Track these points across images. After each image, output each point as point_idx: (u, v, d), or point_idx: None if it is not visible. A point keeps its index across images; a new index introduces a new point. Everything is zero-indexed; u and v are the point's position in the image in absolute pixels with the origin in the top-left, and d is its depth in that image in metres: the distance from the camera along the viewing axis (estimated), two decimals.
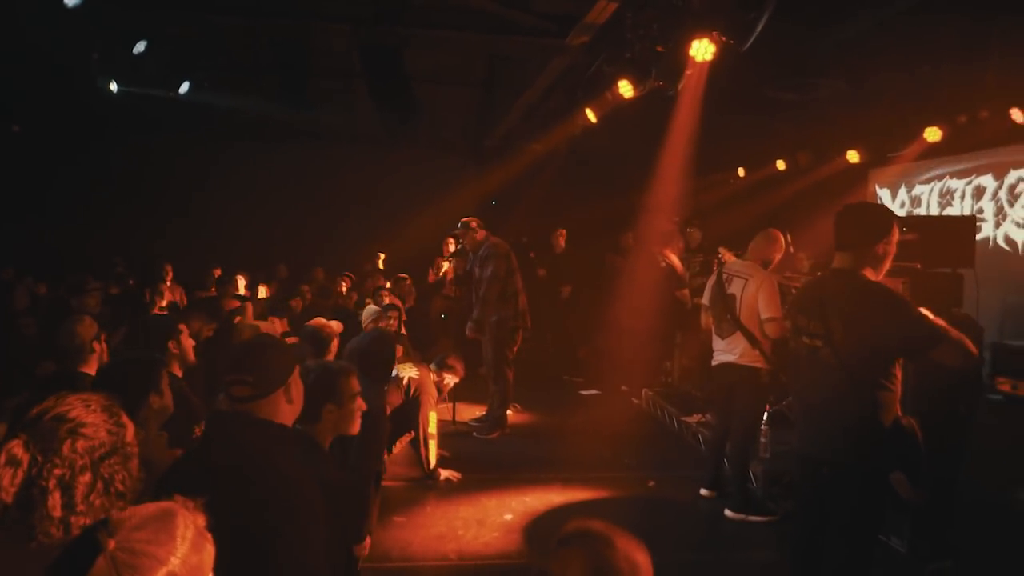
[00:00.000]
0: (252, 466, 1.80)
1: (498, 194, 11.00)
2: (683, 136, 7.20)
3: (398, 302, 7.44)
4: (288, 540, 1.77)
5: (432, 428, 4.94)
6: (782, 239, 4.85)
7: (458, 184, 10.76)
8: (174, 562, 1.04)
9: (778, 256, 4.87)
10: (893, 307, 2.70)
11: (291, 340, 4.51)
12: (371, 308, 5.38)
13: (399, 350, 4.97)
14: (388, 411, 3.99)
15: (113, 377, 2.50)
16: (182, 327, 3.71)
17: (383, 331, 4.64)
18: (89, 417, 1.38)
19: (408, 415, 4.82)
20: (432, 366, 5.18)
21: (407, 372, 4.90)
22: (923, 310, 2.70)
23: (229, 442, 1.86)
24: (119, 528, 1.04)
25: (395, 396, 4.65)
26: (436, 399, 5.02)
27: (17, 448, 1.31)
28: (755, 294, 4.59)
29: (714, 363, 4.94)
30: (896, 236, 2.84)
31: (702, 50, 4.32)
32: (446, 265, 8.68)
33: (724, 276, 4.83)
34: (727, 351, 4.78)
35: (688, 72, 4.75)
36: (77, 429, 1.36)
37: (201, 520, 1.13)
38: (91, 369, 3.05)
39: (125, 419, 1.48)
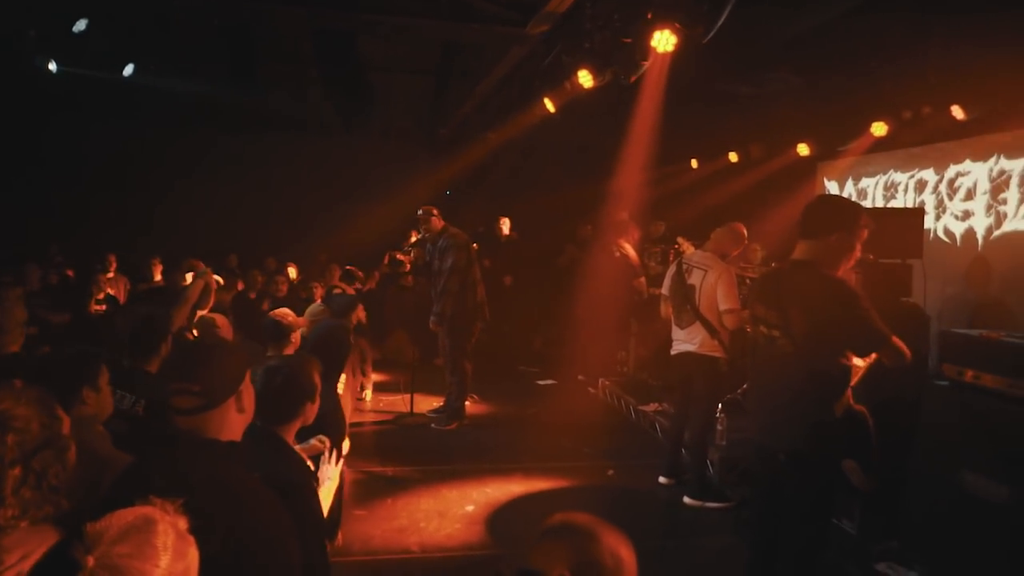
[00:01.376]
0: (205, 499, 1.61)
1: (453, 184, 10.92)
2: (642, 127, 7.26)
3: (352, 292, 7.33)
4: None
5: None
6: (744, 234, 4.93)
7: (412, 173, 10.64)
8: (158, 574, 1.00)
9: (737, 251, 4.98)
10: (847, 303, 2.74)
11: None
12: (316, 306, 5.25)
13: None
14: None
15: (46, 369, 2.38)
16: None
17: (339, 324, 4.50)
18: (20, 410, 1.34)
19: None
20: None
21: None
22: (869, 310, 2.76)
23: (172, 469, 1.66)
24: (97, 543, 0.99)
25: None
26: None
27: None
28: (714, 285, 4.67)
29: (673, 352, 5.00)
30: (861, 232, 2.84)
31: (663, 41, 4.34)
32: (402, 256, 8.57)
33: (684, 267, 4.90)
34: (687, 341, 4.85)
35: (648, 63, 4.76)
36: (7, 423, 1.31)
37: (182, 523, 1.09)
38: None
39: (60, 412, 1.43)
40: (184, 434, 1.73)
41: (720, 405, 5.58)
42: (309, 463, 2.54)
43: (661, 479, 5.08)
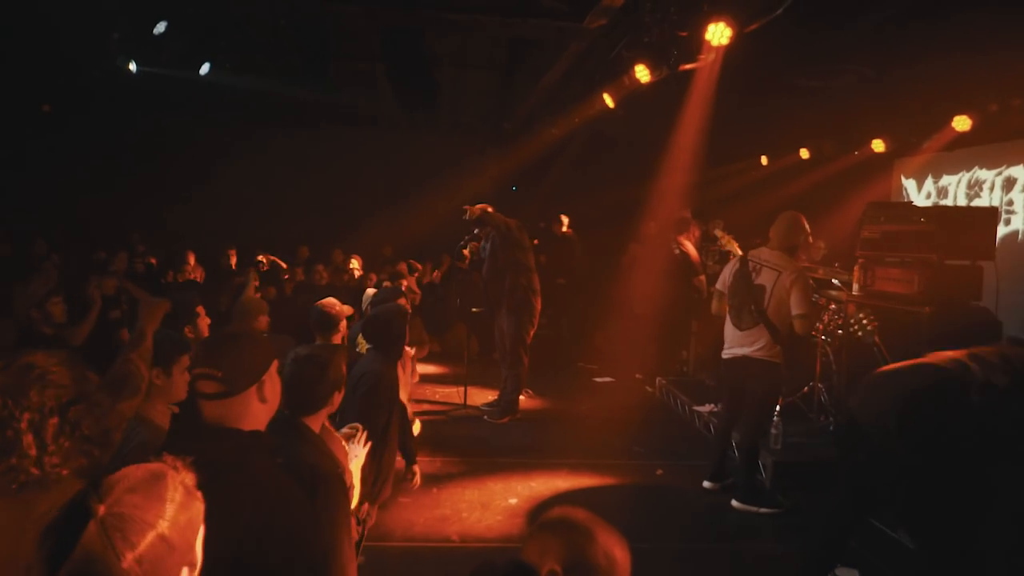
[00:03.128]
0: (227, 486, 1.65)
1: (517, 178, 10.97)
2: (706, 123, 7.09)
3: (415, 287, 7.49)
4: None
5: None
6: (805, 223, 4.63)
7: (478, 168, 10.75)
8: (162, 525, 1.07)
9: (803, 241, 4.67)
10: None
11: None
12: (371, 291, 5.37)
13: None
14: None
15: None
16: (200, 309, 3.74)
17: (401, 307, 4.55)
18: (53, 367, 1.47)
19: None
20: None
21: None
22: None
23: (197, 455, 1.77)
24: (110, 492, 1.07)
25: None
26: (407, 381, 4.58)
27: None
28: (788, 288, 4.38)
29: (726, 355, 4.74)
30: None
31: (718, 34, 4.24)
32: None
33: (751, 265, 4.58)
34: (744, 343, 4.57)
35: (704, 56, 4.65)
36: (44, 376, 1.44)
37: (190, 478, 1.16)
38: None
39: (90, 374, 1.56)
40: (209, 420, 1.79)
41: (777, 409, 5.43)
42: (346, 445, 2.62)
43: (706, 484, 4.97)
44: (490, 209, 6.59)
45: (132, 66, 6.30)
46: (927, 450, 2.59)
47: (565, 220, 9.17)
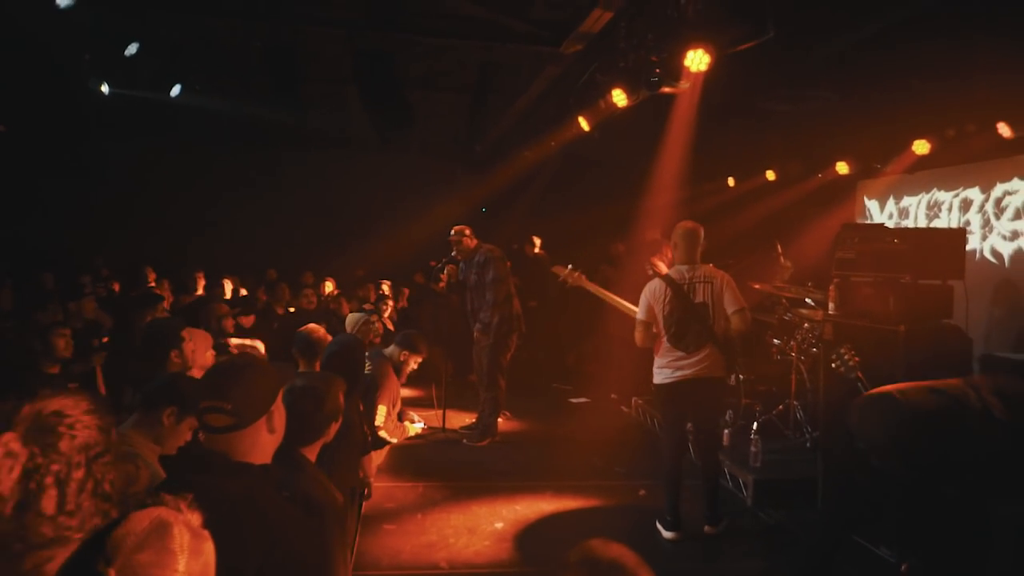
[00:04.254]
0: (239, 524, 1.63)
1: (489, 201, 11.01)
2: (676, 145, 7.23)
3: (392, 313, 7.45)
4: None
5: (380, 420, 4.41)
6: (700, 230, 4.56)
7: (449, 190, 10.77)
8: None
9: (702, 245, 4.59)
10: None
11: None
12: (354, 315, 5.31)
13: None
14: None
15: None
16: (185, 334, 3.62)
17: (351, 337, 4.46)
18: (83, 416, 1.37)
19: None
20: (394, 346, 4.74)
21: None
22: None
23: (205, 492, 1.67)
24: (117, 552, 1.01)
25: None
26: (395, 389, 4.54)
27: (14, 443, 1.28)
28: (721, 293, 4.36)
29: (668, 380, 4.44)
30: None
31: (697, 60, 4.34)
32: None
33: (684, 287, 4.42)
34: (695, 365, 4.35)
35: (682, 82, 4.76)
36: (75, 425, 1.34)
37: (195, 519, 1.12)
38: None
39: (108, 421, 1.47)
40: (217, 455, 1.74)
41: (755, 426, 5.51)
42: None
43: (669, 535, 4.56)
44: (467, 231, 6.61)
45: (104, 88, 6.19)
46: (929, 475, 2.62)
47: (537, 241, 9.22)
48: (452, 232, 6.63)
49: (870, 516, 3.14)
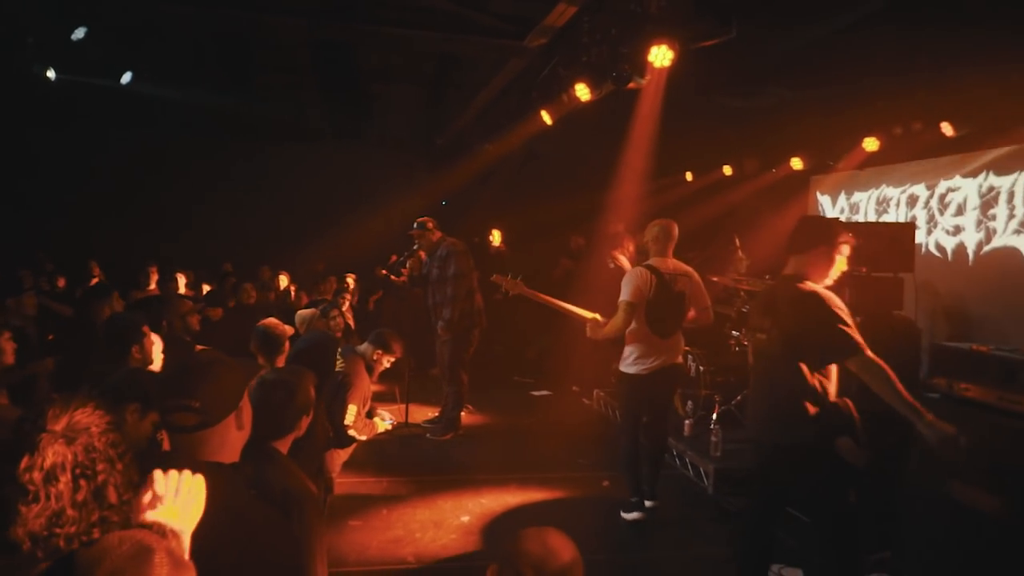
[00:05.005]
0: (212, 526, 1.56)
1: (449, 194, 10.96)
2: (638, 140, 7.31)
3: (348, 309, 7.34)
4: None
5: (350, 418, 4.41)
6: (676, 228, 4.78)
7: (409, 183, 10.68)
8: None
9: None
10: (819, 315, 3.01)
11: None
12: (304, 312, 5.24)
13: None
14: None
15: None
16: (145, 329, 3.51)
17: (325, 334, 4.42)
18: (95, 415, 1.32)
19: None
20: (367, 344, 4.72)
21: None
22: (843, 321, 2.98)
23: None
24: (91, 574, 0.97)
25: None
26: (366, 387, 4.53)
27: (58, 445, 1.21)
28: (695, 289, 4.62)
29: (645, 369, 4.54)
30: (841, 245, 3.14)
31: (660, 56, 4.39)
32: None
33: (667, 277, 4.59)
34: (666, 351, 4.55)
35: (646, 78, 4.81)
36: (108, 429, 1.30)
37: (177, 546, 1.08)
38: None
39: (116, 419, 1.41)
40: (184, 456, 1.68)
41: (715, 416, 5.63)
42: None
43: (629, 517, 4.70)
44: (431, 223, 6.57)
45: (50, 73, 5.93)
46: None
47: (498, 235, 9.22)
48: (415, 224, 6.58)
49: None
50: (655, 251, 4.65)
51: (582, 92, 5.42)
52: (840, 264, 3.17)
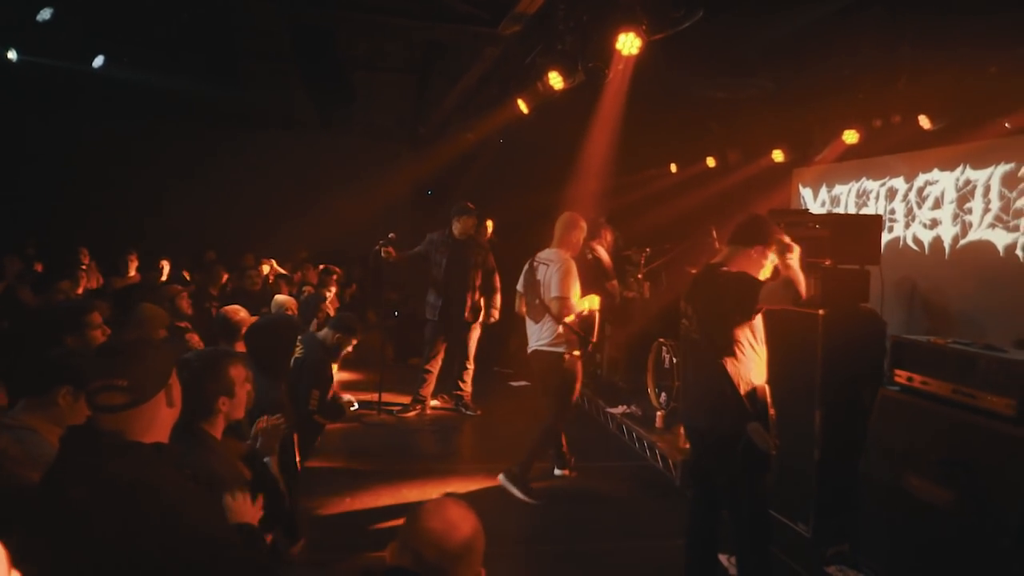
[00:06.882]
0: (128, 509, 1.61)
1: (434, 183, 10.91)
2: (608, 130, 7.28)
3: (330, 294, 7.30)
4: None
5: (313, 403, 4.39)
6: (580, 220, 4.99)
7: (393, 171, 10.63)
8: None
9: (581, 237, 5.01)
10: (735, 284, 3.12)
11: None
12: (280, 298, 5.21)
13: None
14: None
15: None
16: (93, 318, 3.43)
17: (276, 317, 4.38)
18: None
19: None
20: (327, 329, 4.71)
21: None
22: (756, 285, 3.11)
23: (95, 478, 1.62)
24: None
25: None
26: (329, 372, 4.55)
27: None
28: (551, 278, 4.73)
29: (529, 350, 4.99)
30: (773, 249, 3.20)
31: (628, 44, 4.36)
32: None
33: (534, 264, 4.95)
34: (537, 336, 4.86)
35: (615, 65, 4.78)
36: None
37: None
38: None
39: None
40: (108, 435, 1.69)
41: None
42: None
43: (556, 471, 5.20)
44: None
45: (12, 54, 5.81)
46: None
47: (491, 225, 9.16)
48: (462, 208, 6.63)
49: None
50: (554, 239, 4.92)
51: (555, 80, 5.39)
52: (767, 268, 3.25)
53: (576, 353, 4.78)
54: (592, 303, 4.90)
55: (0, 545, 1.05)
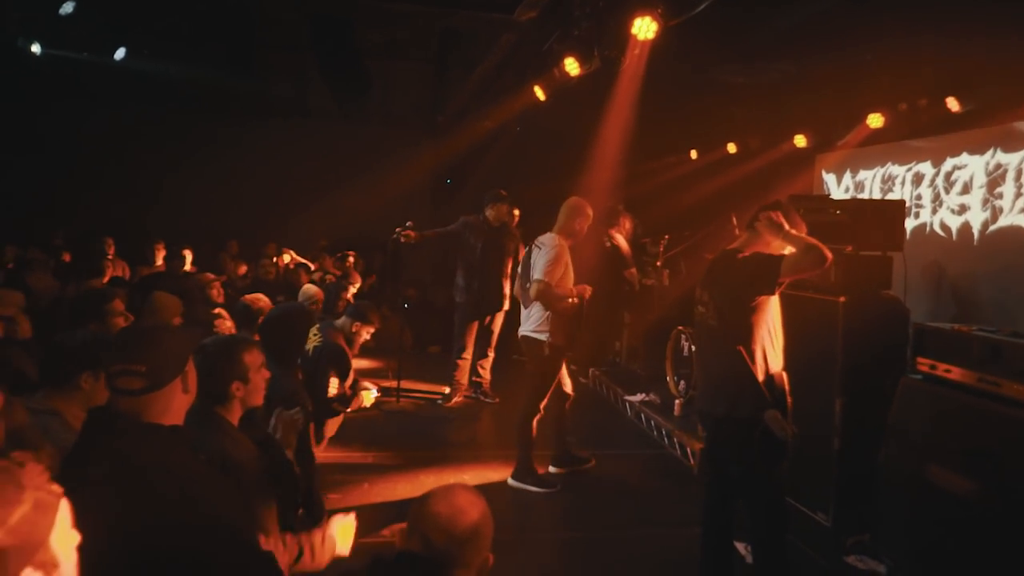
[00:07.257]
0: (146, 490, 1.65)
1: (451, 171, 10.90)
2: (626, 117, 7.20)
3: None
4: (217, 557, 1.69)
5: (332, 391, 4.47)
6: (586, 208, 4.81)
7: (411, 160, 10.63)
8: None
9: (585, 225, 4.82)
10: (752, 263, 3.11)
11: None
12: (308, 288, 5.25)
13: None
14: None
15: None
16: (115, 305, 3.49)
17: (289, 306, 4.40)
18: None
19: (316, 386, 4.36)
20: (345, 317, 4.76)
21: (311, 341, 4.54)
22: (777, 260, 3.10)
23: (113, 457, 1.67)
24: None
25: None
26: (347, 360, 4.61)
27: None
28: (536, 260, 4.65)
29: (519, 334, 4.92)
30: (782, 233, 3.17)
31: (644, 28, 4.30)
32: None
33: (532, 247, 4.84)
34: (524, 320, 4.83)
35: (631, 51, 4.72)
36: None
37: (38, 472, 1.08)
38: None
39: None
40: (126, 418, 1.73)
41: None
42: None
43: (551, 469, 5.06)
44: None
45: (36, 48, 5.89)
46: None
47: (517, 214, 9.13)
48: (496, 196, 6.62)
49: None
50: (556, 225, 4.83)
51: (571, 67, 5.35)
52: (786, 252, 3.22)
53: (556, 343, 4.63)
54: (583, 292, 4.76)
55: (67, 502, 1.08)
